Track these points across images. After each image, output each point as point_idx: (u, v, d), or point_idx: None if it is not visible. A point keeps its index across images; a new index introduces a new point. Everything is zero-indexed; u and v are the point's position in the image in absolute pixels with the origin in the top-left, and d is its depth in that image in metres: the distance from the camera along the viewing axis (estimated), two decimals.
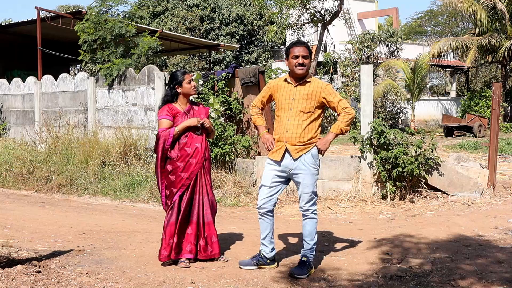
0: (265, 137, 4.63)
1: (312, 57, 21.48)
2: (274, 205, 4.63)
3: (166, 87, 4.92)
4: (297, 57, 4.47)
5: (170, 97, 4.92)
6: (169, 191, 4.81)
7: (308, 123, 4.47)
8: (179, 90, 4.88)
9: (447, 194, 7.56)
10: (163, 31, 16.30)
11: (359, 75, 10.76)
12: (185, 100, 4.93)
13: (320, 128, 4.59)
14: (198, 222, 4.83)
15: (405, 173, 7.35)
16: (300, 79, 4.53)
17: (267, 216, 4.60)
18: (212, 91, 9.58)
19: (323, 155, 4.62)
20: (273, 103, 5.10)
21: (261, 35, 34.43)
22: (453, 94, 28.87)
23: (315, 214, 4.55)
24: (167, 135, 4.76)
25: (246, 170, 8.62)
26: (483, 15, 20.36)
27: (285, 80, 4.60)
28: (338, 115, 4.59)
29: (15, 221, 7.02)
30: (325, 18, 20.56)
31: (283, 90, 4.58)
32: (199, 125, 4.82)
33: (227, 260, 4.90)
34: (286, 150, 4.49)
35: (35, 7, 14.13)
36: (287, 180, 4.61)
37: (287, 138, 4.47)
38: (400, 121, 22.72)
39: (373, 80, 10.05)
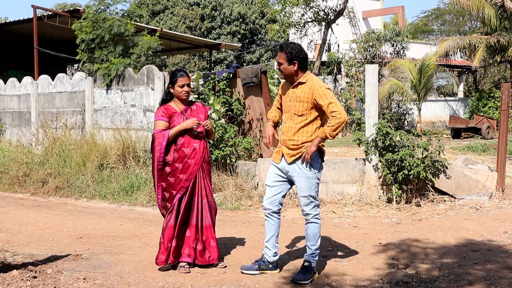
0: (266, 129, 4.58)
1: (316, 57, 21.39)
2: (280, 207, 4.57)
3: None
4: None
5: (165, 95, 4.90)
6: (169, 194, 4.73)
7: (301, 126, 4.39)
8: (171, 90, 4.82)
9: (454, 197, 7.46)
10: (163, 30, 16.18)
11: (364, 75, 10.60)
12: (180, 100, 4.83)
13: (319, 130, 4.41)
14: (197, 225, 4.75)
15: (411, 176, 7.24)
16: (293, 81, 4.45)
17: (272, 217, 4.55)
18: (213, 92, 9.47)
19: (306, 163, 4.35)
20: None
21: (263, 34, 34.43)
22: (460, 94, 28.57)
23: (316, 218, 4.48)
24: (161, 137, 4.70)
25: (248, 172, 8.49)
26: (491, 14, 20.09)
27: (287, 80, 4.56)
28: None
29: (10, 225, 6.99)
30: (329, 16, 20.45)
31: (285, 91, 4.56)
32: (194, 127, 4.69)
33: (225, 266, 4.82)
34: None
35: (32, 5, 13.93)
36: (289, 181, 4.54)
37: (283, 141, 4.48)
38: (406, 122, 22.54)
39: (378, 80, 9.93)
